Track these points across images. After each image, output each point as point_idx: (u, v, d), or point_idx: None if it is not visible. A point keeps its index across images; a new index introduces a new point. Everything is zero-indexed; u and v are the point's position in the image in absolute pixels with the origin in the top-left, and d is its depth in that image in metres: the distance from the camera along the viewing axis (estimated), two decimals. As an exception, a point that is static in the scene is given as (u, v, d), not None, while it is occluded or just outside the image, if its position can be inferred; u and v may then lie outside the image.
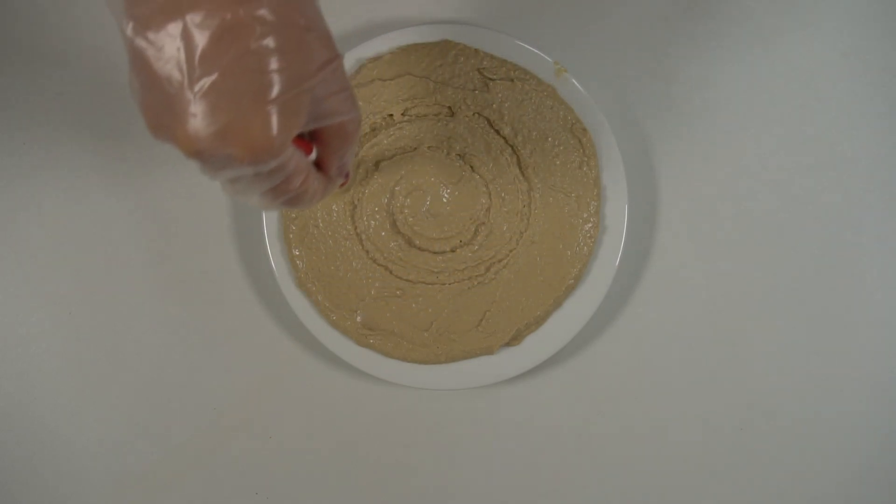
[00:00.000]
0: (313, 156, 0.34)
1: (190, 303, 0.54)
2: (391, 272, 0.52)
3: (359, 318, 0.51)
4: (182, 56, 0.28)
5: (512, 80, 0.51)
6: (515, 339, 0.52)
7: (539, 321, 0.52)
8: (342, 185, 0.39)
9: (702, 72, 0.53)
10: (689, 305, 0.53)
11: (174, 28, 0.28)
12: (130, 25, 0.28)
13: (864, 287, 0.53)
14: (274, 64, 0.28)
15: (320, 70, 0.30)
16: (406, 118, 0.52)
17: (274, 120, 0.28)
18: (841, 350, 0.53)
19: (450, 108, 0.52)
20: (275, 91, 0.28)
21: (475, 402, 0.53)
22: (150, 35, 0.28)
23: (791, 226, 0.53)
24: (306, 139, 0.34)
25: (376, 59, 0.52)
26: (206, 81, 0.28)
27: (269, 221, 0.51)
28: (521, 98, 0.51)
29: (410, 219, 0.52)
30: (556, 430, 0.53)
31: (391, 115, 0.52)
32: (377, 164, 0.51)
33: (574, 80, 0.51)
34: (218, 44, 0.27)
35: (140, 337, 0.53)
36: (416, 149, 0.51)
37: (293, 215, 0.51)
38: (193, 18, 0.27)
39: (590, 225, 0.51)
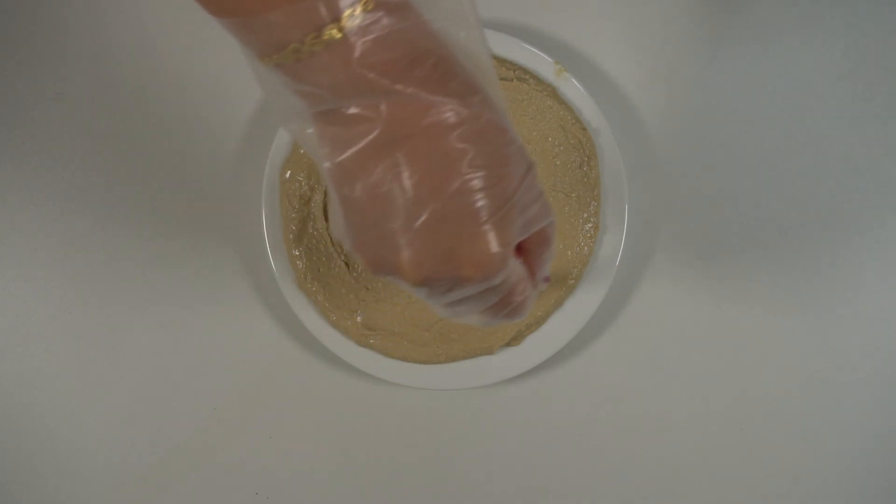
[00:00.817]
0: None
1: (190, 303, 0.53)
2: (391, 272, 0.51)
3: (359, 318, 0.51)
4: (398, 192, 0.28)
5: (512, 80, 0.51)
6: (515, 339, 0.52)
7: (539, 321, 0.52)
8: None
9: (702, 72, 0.53)
10: (689, 305, 0.53)
11: (385, 168, 0.28)
12: (339, 175, 0.29)
13: (864, 287, 0.53)
14: (485, 182, 0.28)
15: (522, 181, 0.30)
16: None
17: (494, 236, 0.29)
18: (841, 350, 0.53)
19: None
20: (490, 208, 0.29)
21: (475, 402, 0.53)
22: (363, 180, 0.28)
23: (791, 226, 0.53)
24: (514, 252, 0.34)
25: (376, 59, 0.52)
26: (425, 212, 0.28)
27: (269, 221, 0.51)
28: (521, 98, 0.51)
29: (410, 219, 0.52)
30: (556, 430, 0.53)
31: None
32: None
33: (574, 80, 0.51)
34: (433, 175, 0.28)
35: (140, 337, 0.53)
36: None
37: (293, 215, 0.51)
38: (404, 154, 0.28)
39: (590, 225, 0.51)
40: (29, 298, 0.53)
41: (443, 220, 0.28)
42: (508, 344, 0.52)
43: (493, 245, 0.29)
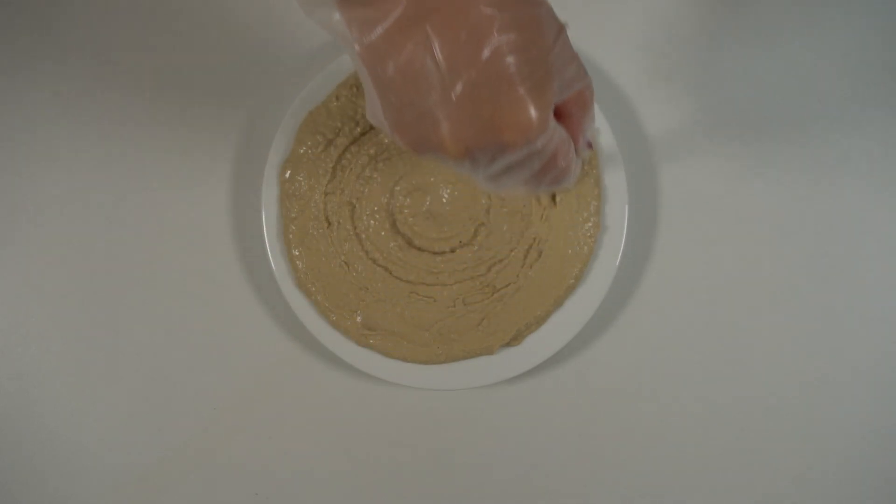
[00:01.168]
0: None
1: (190, 303, 0.53)
2: (391, 273, 0.51)
3: (359, 319, 0.51)
4: (431, 66, 0.28)
5: (512, 80, 0.51)
6: (515, 339, 0.52)
7: (539, 321, 0.52)
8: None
9: (702, 72, 0.53)
10: (689, 305, 0.53)
11: (415, 43, 0.28)
12: (370, 56, 0.29)
13: (864, 287, 0.53)
14: (517, 46, 0.28)
15: (555, 43, 0.30)
16: (406, 118, 0.52)
17: (532, 99, 0.29)
18: (841, 350, 0.53)
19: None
20: (525, 71, 0.28)
21: (475, 402, 0.53)
22: (394, 58, 0.28)
23: (791, 225, 0.53)
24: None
25: (376, 58, 0.52)
26: (460, 82, 0.28)
27: (268, 221, 0.51)
28: (521, 98, 0.51)
29: (410, 219, 0.52)
30: (556, 430, 0.53)
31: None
32: (377, 164, 0.51)
33: (574, 80, 0.51)
34: (464, 44, 0.28)
35: (140, 337, 0.53)
36: (416, 149, 0.51)
37: (293, 215, 0.51)
38: (433, 27, 0.28)
39: (590, 224, 0.51)
40: (29, 298, 0.53)
41: (479, 88, 0.28)
42: (508, 344, 0.52)
43: (532, 108, 0.29)
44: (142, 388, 0.53)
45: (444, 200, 0.52)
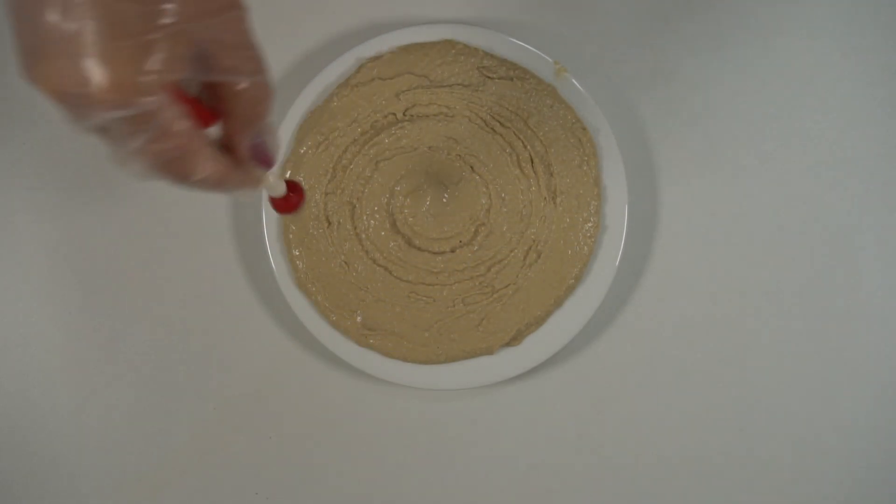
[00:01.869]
0: (215, 129, 0.32)
1: (190, 303, 0.53)
2: (391, 273, 0.51)
3: (359, 318, 0.51)
4: None
5: (512, 80, 0.51)
6: (515, 339, 0.52)
7: (539, 321, 0.52)
8: (279, 191, 0.36)
9: (702, 72, 0.53)
10: (689, 305, 0.53)
11: None
12: None
13: (864, 287, 0.53)
14: (144, 3, 0.26)
15: (205, 15, 0.28)
16: (406, 118, 0.52)
17: (136, 56, 0.26)
18: (841, 350, 0.53)
19: (450, 107, 0.52)
20: (136, 28, 0.26)
21: (475, 402, 0.53)
22: None
23: (791, 226, 0.53)
24: (207, 109, 0.31)
25: (376, 58, 0.52)
26: (72, 23, 0.26)
27: (268, 222, 0.51)
28: (521, 97, 0.51)
29: (410, 219, 0.52)
30: (556, 430, 0.53)
31: (392, 113, 0.52)
32: (377, 164, 0.51)
33: (574, 80, 0.51)
34: None
35: (140, 337, 0.53)
36: (416, 149, 0.51)
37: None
38: None
39: (590, 224, 0.51)
40: (29, 298, 0.53)
41: (87, 32, 0.26)
42: (508, 344, 0.52)
43: (131, 65, 0.26)
44: (142, 388, 0.53)
45: (444, 200, 0.52)
